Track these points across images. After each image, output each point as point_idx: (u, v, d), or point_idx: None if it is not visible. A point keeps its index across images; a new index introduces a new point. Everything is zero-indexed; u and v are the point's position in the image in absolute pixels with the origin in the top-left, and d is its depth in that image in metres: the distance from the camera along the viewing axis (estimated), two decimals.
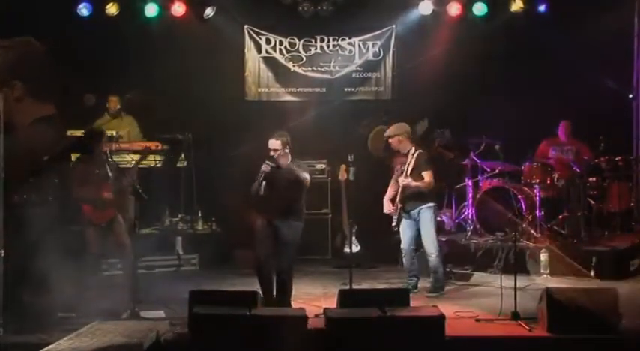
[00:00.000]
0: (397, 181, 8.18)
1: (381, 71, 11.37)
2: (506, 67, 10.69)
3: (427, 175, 8.07)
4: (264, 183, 7.32)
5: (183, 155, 10.32)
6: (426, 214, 8.12)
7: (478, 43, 10.70)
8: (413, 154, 8.10)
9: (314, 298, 7.97)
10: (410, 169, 8.06)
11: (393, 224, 8.23)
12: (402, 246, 8.31)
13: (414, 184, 8.01)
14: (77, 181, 7.74)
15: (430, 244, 8.15)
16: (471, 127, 10.09)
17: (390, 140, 8.22)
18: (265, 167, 7.31)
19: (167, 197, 10.20)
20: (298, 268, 9.53)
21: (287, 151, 7.41)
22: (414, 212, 8.15)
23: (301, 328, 5.94)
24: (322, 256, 10.21)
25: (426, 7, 10.91)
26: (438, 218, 10.38)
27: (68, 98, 10.12)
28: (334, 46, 11.30)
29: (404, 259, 8.34)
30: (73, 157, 9.34)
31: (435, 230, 8.25)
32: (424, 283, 8.44)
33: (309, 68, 11.29)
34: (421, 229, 8.15)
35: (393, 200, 8.21)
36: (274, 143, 7.37)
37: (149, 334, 6.23)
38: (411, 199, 8.11)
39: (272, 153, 7.36)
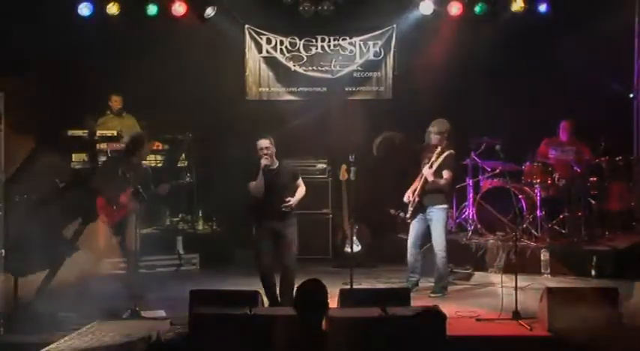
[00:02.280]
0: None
1: (382, 71, 11.36)
2: (507, 67, 10.69)
3: (446, 173, 8.11)
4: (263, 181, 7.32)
5: (183, 155, 10.33)
6: (439, 213, 8.16)
7: (479, 42, 10.70)
8: (443, 153, 8.13)
9: None
10: (436, 165, 8.10)
11: (407, 215, 8.29)
12: (408, 241, 8.33)
13: (431, 178, 8.08)
14: (102, 175, 7.92)
15: (440, 243, 8.16)
16: (471, 126, 10.08)
17: (435, 135, 8.19)
18: (265, 160, 7.30)
19: (167, 197, 10.19)
20: (299, 268, 9.58)
21: (274, 150, 7.44)
22: (428, 209, 8.17)
23: None
24: (323, 256, 10.19)
25: (426, 7, 10.90)
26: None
27: (69, 98, 10.22)
28: (335, 45, 11.30)
29: (408, 256, 8.34)
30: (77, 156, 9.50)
31: (445, 231, 8.28)
32: (426, 283, 8.45)
33: (310, 68, 11.29)
34: (432, 228, 8.18)
35: (414, 192, 8.30)
36: (265, 142, 7.35)
37: (150, 333, 6.24)
38: (429, 194, 8.16)
39: (265, 151, 7.32)
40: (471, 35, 10.85)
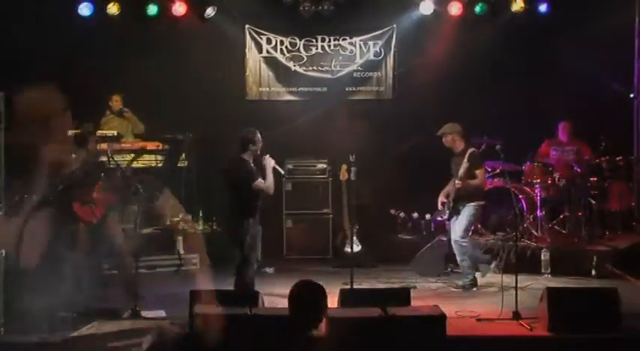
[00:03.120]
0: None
1: (382, 71, 11.36)
2: (507, 67, 10.69)
3: (480, 173, 8.34)
4: None
5: (183, 155, 10.32)
6: (468, 209, 8.30)
7: (479, 42, 10.69)
8: (465, 153, 8.25)
9: None
10: (465, 168, 8.20)
11: (445, 217, 8.52)
12: (451, 242, 8.52)
13: (466, 184, 8.24)
14: (69, 180, 7.88)
15: (459, 231, 8.28)
16: (471, 126, 10.07)
17: (444, 138, 8.41)
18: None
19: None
20: (299, 268, 9.59)
21: None
22: (462, 208, 8.32)
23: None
24: (323, 256, 10.20)
25: (427, 7, 10.91)
26: (439, 218, 10.41)
27: (69, 98, 10.21)
28: (335, 45, 11.30)
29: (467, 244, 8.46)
30: None
31: (469, 225, 8.42)
32: (425, 283, 8.43)
33: (310, 68, 11.29)
34: (458, 218, 8.31)
35: (447, 196, 8.43)
36: None
37: (150, 333, 6.23)
38: (463, 198, 8.30)
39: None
40: (471, 35, 10.85)
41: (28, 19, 10.00)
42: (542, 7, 10.86)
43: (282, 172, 7.75)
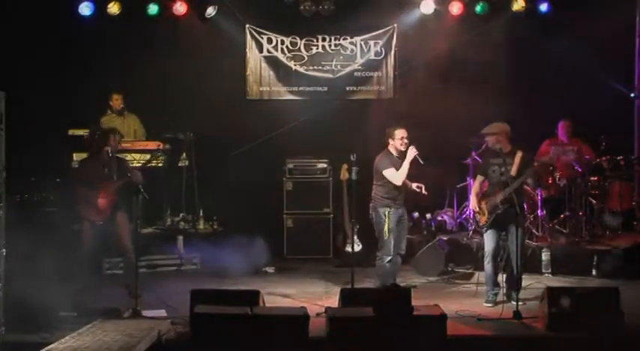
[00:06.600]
0: (492, 182, 7.92)
1: (383, 70, 11.35)
2: (507, 67, 10.69)
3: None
4: None
5: (184, 154, 10.32)
6: (522, 215, 7.84)
7: (480, 42, 10.69)
8: (516, 155, 7.81)
9: (316, 297, 7.97)
10: (515, 169, 7.72)
11: (483, 224, 7.88)
12: (487, 253, 7.90)
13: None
14: (78, 180, 7.90)
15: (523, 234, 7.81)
16: (472, 126, 10.08)
17: (488, 138, 8.04)
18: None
19: (168, 196, 10.21)
20: (300, 268, 9.59)
21: None
22: (513, 213, 7.65)
23: (303, 327, 5.94)
24: (324, 256, 10.20)
25: (427, 6, 10.90)
26: (439, 217, 10.41)
27: (69, 97, 10.23)
28: (336, 45, 11.29)
29: (488, 269, 7.88)
30: (78, 156, 9.51)
31: None
32: (426, 282, 8.41)
33: (311, 67, 11.28)
34: (519, 225, 7.71)
35: (481, 199, 7.95)
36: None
37: (150, 333, 6.24)
38: (514, 198, 7.60)
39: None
40: (471, 35, 10.84)
41: (28, 18, 10.00)
42: (543, 7, 10.84)
43: (422, 163, 7.98)
